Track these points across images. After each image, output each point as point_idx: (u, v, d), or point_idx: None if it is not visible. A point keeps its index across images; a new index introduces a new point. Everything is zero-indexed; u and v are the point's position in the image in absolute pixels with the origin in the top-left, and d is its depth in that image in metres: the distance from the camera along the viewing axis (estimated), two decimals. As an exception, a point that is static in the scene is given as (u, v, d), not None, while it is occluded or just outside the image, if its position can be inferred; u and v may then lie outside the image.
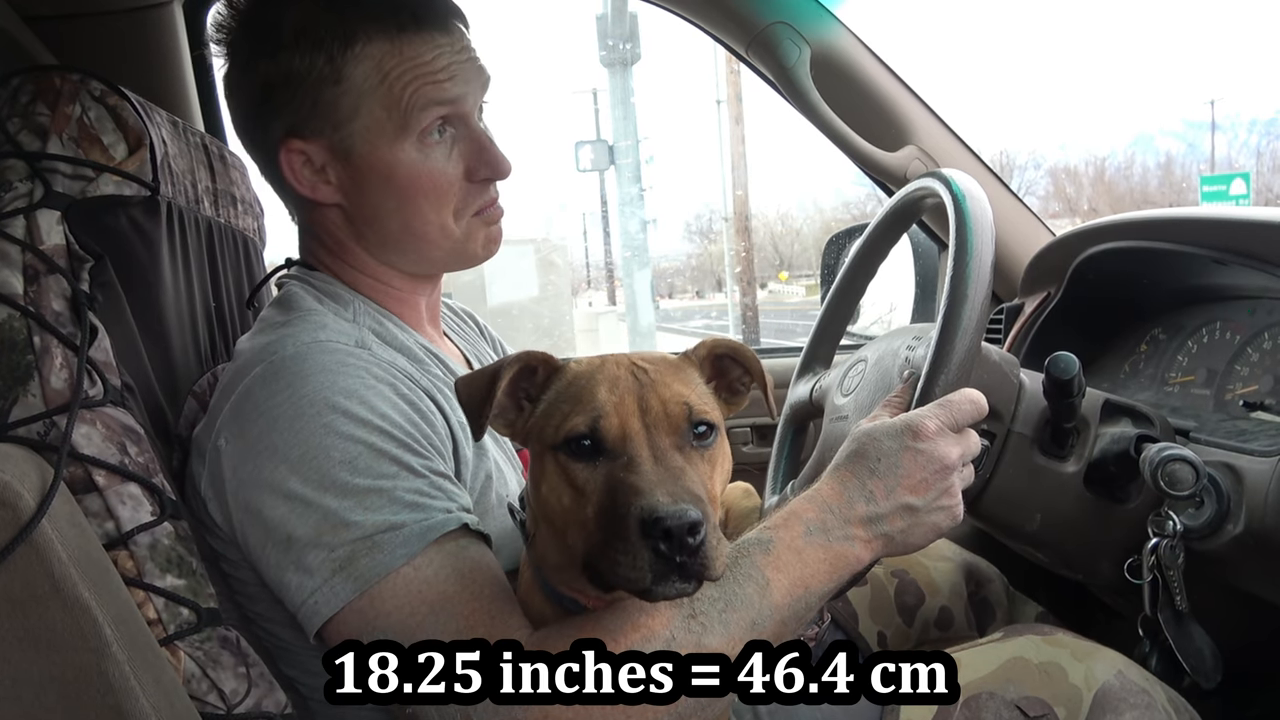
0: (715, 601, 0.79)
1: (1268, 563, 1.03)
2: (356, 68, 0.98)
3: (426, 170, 1.02)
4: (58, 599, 0.76)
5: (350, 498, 0.84)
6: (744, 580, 0.80)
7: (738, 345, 0.88)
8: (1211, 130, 36.50)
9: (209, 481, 0.92)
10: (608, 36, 11.87)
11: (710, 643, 0.78)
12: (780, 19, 1.67)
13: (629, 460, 0.74)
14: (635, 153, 12.54)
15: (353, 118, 1.00)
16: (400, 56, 0.99)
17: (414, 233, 1.05)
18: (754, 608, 0.80)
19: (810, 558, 0.82)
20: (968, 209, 1.00)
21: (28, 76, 0.92)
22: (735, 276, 16.65)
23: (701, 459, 0.79)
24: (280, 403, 0.88)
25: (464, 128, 1.04)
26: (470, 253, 1.09)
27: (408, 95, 0.99)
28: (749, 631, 0.79)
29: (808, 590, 0.82)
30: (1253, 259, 1.18)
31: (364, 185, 1.02)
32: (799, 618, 0.83)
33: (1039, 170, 40.07)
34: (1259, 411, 1.18)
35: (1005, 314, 1.68)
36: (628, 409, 0.77)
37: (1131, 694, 1.00)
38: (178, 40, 1.63)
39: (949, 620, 1.43)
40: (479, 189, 1.05)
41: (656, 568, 0.70)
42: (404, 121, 1.00)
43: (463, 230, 1.06)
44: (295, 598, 0.85)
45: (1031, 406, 1.12)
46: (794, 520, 0.84)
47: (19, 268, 0.87)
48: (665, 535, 0.68)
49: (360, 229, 1.06)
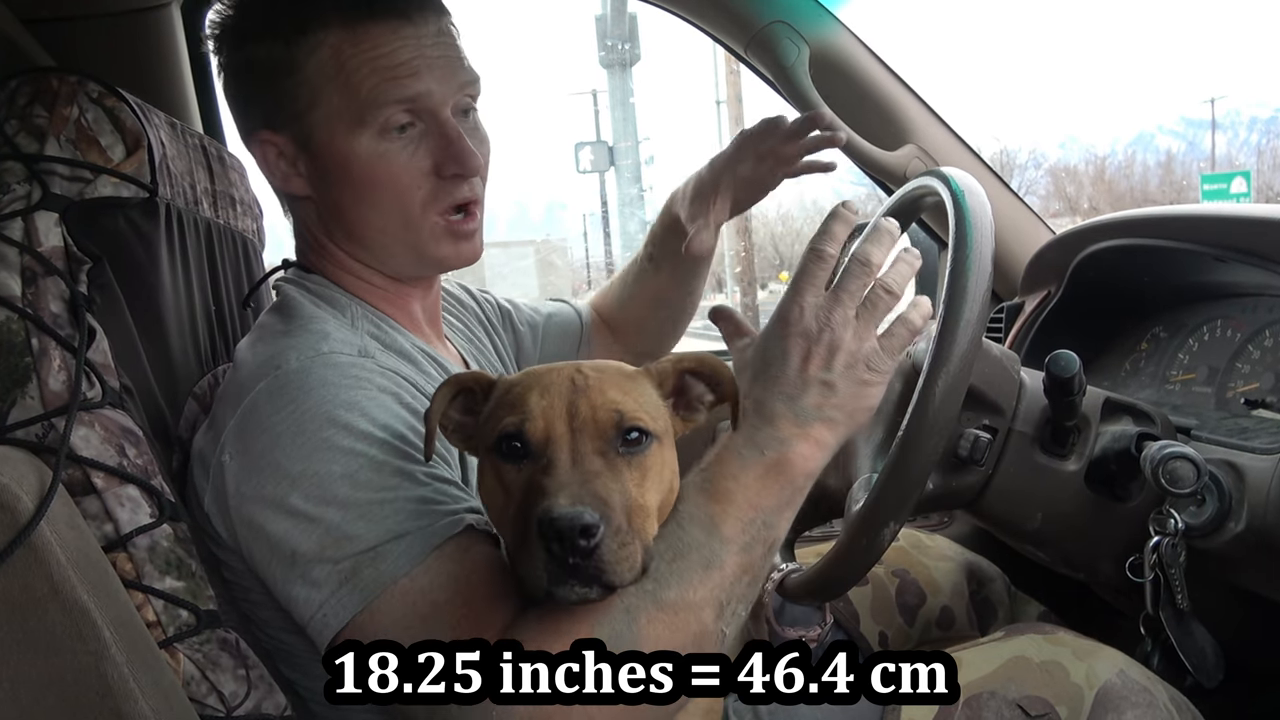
0: (663, 554, 0.78)
1: (1269, 561, 1.02)
2: (311, 56, 0.97)
3: (384, 164, 0.99)
4: (56, 601, 0.76)
5: (352, 511, 0.84)
6: (687, 523, 0.80)
7: (707, 359, 0.87)
8: (1212, 128, 36.48)
9: (213, 497, 0.92)
10: (607, 37, 11.89)
11: (668, 596, 0.77)
12: (779, 18, 1.66)
13: (547, 463, 0.75)
14: (635, 154, 12.57)
15: (311, 108, 0.99)
16: (358, 47, 0.97)
17: (373, 228, 1.03)
18: (704, 547, 0.79)
19: (749, 479, 0.81)
20: (967, 205, 1.00)
21: (26, 78, 0.92)
22: (735, 276, 16.68)
23: (629, 466, 0.78)
24: (283, 419, 0.87)
25: (433, 122, 1.01)
26: (434, 254, 1.05)
27: (366, 88, 0.97)
28: (706, 572, 0.78)
29: (760, 511, 0.81)
30: (1253, 256, 1.18)
31: (326, 177, 1.02)
32: (763, 544, 0.81)
33: (1039, 169, 40.03)
34: (1260, 409, 1.18)
35: (1005, 313, 1.68)
36: (555, 412, 0.77)
37: (1133, 693, 1.00)
38: (176, 42, 1.63)
39: (950, 620, 1.43)
40: (448, 185, 1.02)
41: (550, 569, 0.70)
42: (360, 114, 0.98)
43: (426, 229, 1.03)
44: (304, 612, 0.85)
45: (1032, 405, 1.12)
46: (725, 451, 0.83)
47: (17, 270, 0.87)
48: (557, 536, 0.69)
49: (329, 224, 1.05)
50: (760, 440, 0.82)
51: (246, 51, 1.00)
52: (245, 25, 1.00)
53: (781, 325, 0.85)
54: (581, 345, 1.44)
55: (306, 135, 1.00)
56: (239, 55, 1.01)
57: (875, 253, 0.87)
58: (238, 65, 1.01)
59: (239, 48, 1.01)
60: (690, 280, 1.40)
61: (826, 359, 0.83)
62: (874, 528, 0.98)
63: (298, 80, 0.98)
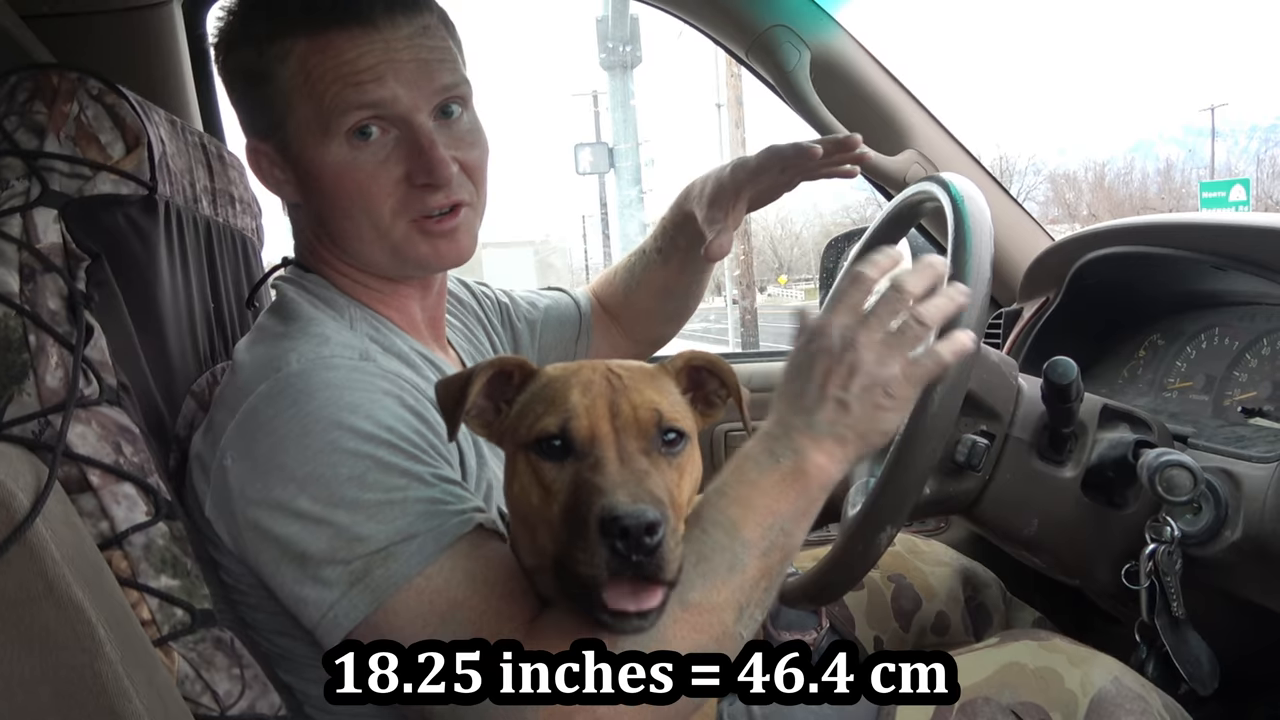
0: (687, 557, 0.78)
1: (1265, 569, 1.03)
2: (281, 66, 0.97)
3: (352, 172, 0.98)
4: (51, 599, 0.75)
5: (361, 513, 0.84)
6: (710, 528, 0.81)
7: (713, 358, 0.88)
8: (1211, 136, 36.60)
9: (214, 500, 0.91)
10: (608, 39, 11.89)
11: (693, 597, 0.78)
12: (780, 22, 1.67)
13: (595, 461, 0.75)
14: (635, 156, 12.57)
15: (286, 117, 0.99)
16: (322, 55, 0.96)
17: (350, 235, 1.03)
18: (728, 550, 0.80)
19: (767, 485, 0.82)
20: (966, 211, 1.00)
21: (25, 74, 0.92)
22: (734, 280, 16.65)
23: (669, 465, 0.79)
24: (286, 421, 0.87)
25: (405, 128, 0.99)
26: (414, 258, 1.04)
27: (329, 96, 0.96)
28: (729, 574, 0.79)
29: (778, 516, 0.81)
30: (1252, 265, 1.18)
31: (306, 185, 1.02)
32: (781, 549, 0.82)
33: (1038, 175, 40.15)
34: (1257, 418, 1.19)
35: (1004, 319, 1.68)
36: (598, 412, 0.78)
37: (1128, 700, 1.00)
38: (176, 39, 1.63)
39: (946, 625, 1.43)
40: (420, 193, 1.01)
41: (613, 566, 0.70)
42: (325, 123, 0.97)
43: (400, 235, 1.02)
44: (314, 613, 0.84)
45: (1030, 411, 1.12)
46: (743, 460, 0.84)
47: (15, 266, 0.86)
48: (622, 534, 0.69)
49: (317, 229, 1.06)
50: (777, 449, 0.83)
51: (233, 59, 1.01)
52: (230, 32, 1.01)
53: (809, 341, 0.86)
54: (581, 335, 1.44)
55: (285, 144, 1.01)
56: (230, 61, 1.02)
57: (912, 282, 0.87)
58: (230, 71, 1.02)
59: (228, 54, 1.01)
60: (697, 272, 1.41)
61: (845, 379, 0.84)
62: (870, 532, 0.98)
63: (272, 90, 0.98)
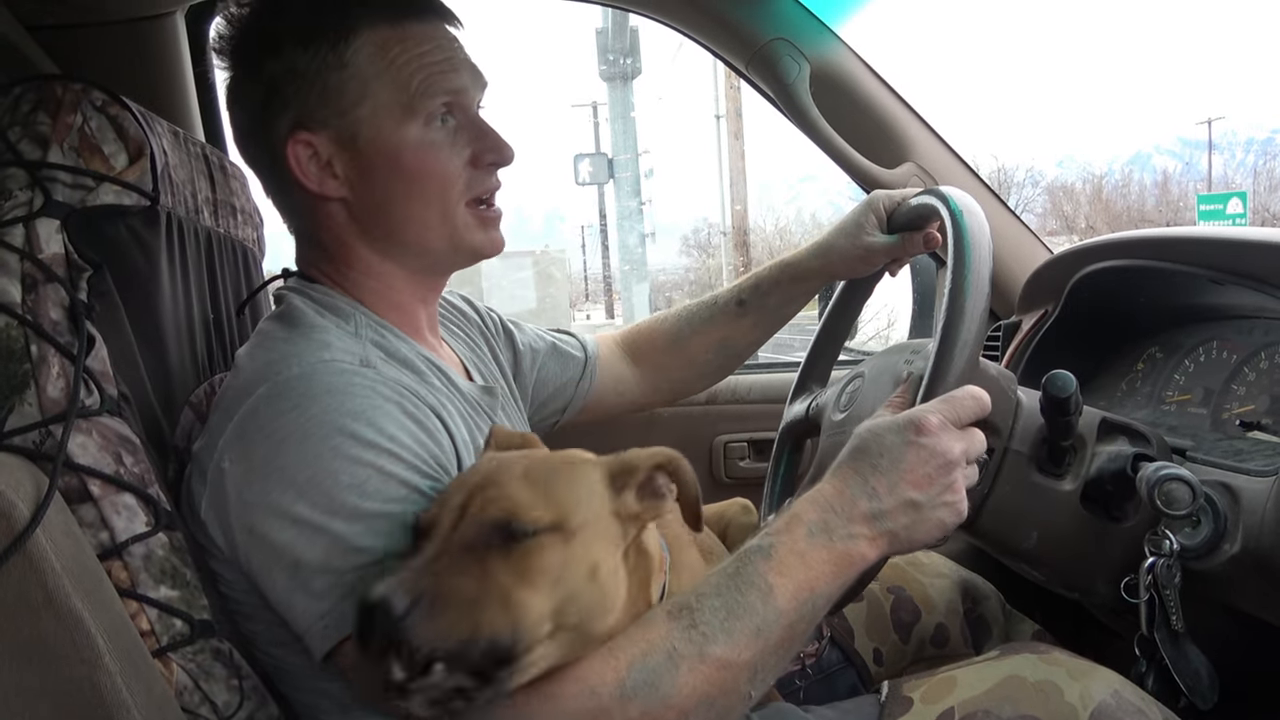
0: (717, 610, 0.79)
1: (1264, 582, 1.03)
2: (360, 53, 0.99)
3: (433, 153, 1.02)
4: (51, 610, 0.75)
5: (359, 522, 0.84)
6: (746, 587, 0.80)
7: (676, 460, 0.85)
8: (1208, 149, 36.69)
9: (210, 503, 0.91)
10: (608, 51, 11.92)
11: (714, 651, 0.78)
12: (780, 35, 1.67)
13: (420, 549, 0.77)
14: (634, 166, 12.57)
15: (359, 102, 1.00)
16: (404, 43, 1.00)
17: (416, 220, 1.04)
18: (758, 614, 0.79)
19: (814, 559, 0.82)
20: (965, 224, 1.01)
21: (29, 85, 0.93)
22: (733, 291, 16.61)
23: (504, 562, 0.75)
24: (286, 424, 0.87)
25: (465, 117, 1.05)
26: (469, 244, 1.08)
27: (416, 81, 1.00)
28: (754, 638, 0.79)
29: (814, 593, 0.82)
30: (1250, 279, 1.18)
31: (370, 172, 1.02)
32: (807, 621, 0.82)
33: (1036, 188, 40.19)
34: (1256, 431, 1.19)
35: (1002, 331, 1.69)
36: (451, 503, 0.79)
37: (1127, 713, 0.99)
38: (179, 51, 1.64)
39: (945, 637, 1.42)
40: (481, 175, 1.06)
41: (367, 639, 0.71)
42: (410, 104, 1.00)
43: (461, 220, 1.06)
44: (302, 622, 0.84)
45: (1028, 424, 1.12)
46: (796, 523, 0.84)
47: (17, 276, 0.87)
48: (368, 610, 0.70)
49: (364, 224, 1.05)
50: (833, 526, 0.83)
51: (285, 57, 1.00)
52: (281, 30, 1.00)
53: (913, 429, 0.86)
54: (584, 377, 1.44)
55: (352, 130, 1.01)
56: (275, 62, 1.00)
57: None
58: (273, 72, 1.00)
59: (275, 54, 1.00)
60: (767, 334, 1.42)
61: (929, 487, 0.85)
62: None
63: (347, 75, 0.99)
